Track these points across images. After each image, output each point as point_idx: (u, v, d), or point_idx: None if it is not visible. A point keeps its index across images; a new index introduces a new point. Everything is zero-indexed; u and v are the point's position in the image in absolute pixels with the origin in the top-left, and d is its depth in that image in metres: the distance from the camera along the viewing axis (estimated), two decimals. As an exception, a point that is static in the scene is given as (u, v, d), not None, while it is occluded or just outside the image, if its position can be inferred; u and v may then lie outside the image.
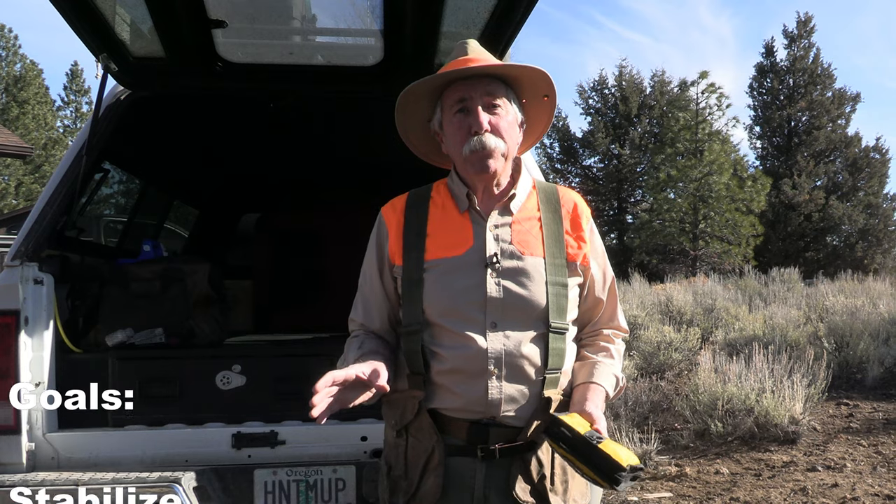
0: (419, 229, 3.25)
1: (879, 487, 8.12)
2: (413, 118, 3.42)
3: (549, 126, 3.53)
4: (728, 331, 17.02)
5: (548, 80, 3.28)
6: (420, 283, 3.15)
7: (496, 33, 4.96)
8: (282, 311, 8.63)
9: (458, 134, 3.19)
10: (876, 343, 14.24)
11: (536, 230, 3.23)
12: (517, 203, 3.29)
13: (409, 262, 3.20)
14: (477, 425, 3.06)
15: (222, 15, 4.91)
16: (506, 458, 3.05)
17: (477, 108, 3.15)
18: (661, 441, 9.83)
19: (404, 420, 3.16)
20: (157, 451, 4.83)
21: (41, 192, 5.35)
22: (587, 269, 3.28)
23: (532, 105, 3.40)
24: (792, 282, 29.28)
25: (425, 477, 3.09)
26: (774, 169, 61.31)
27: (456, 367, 3.04)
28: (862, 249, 60.67)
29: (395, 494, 3.18)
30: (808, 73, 63.48)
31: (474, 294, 3.09)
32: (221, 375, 5.16)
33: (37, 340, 4.79)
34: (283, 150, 7.84)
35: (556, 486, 3.09)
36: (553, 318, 3.10)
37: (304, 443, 4.93)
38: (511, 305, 3.09)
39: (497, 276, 3.11)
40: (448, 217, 3.28)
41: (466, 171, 3.25)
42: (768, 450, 9.55)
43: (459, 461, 3.07)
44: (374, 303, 3.36)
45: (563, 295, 3.15)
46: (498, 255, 3.14)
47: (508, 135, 3.21)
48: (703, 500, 8.12)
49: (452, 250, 3.18)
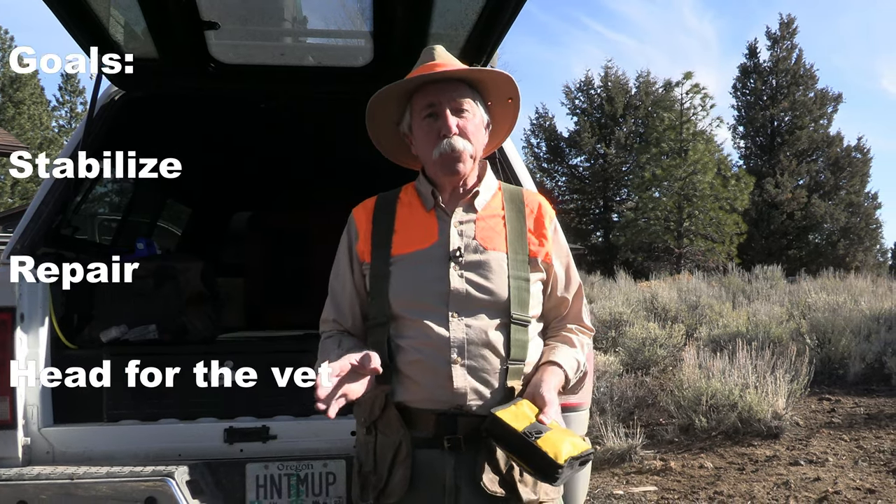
0: (387, 227, 3.34)
1: (861, 481, 8.15)
2: (382, 122, 3.52)
3: (513, 127, 3.63)
4: (712, 327, 17.04)
5: (512, 84, 3.40)
6: (386, 277, 3.23)
7: (484, 35, 4.98)
8: (273, 308, 8.63)
9: (427, 137, 3.28)
10: (857, 339, 14.29)
11: (500, 227, 3.31)
12: (481, 201, 3.38)
13: (377, 258, 3.29)
14: (444, 416, 3.09)
15: (215, 17, 4.91)
16: (472, 448, 3.07)
17: (445, 112, 3.24)
18: (646, 436, 9.87)
19: (372, 416, 3.19)
20: (151, 446, 4.83)
21: (37, 190, 5.35)
22: (550, 266, 3.35)
23: (497, 107, 3.49)
24: (775, 279, 29.36)
25: (394, 470, 3.11)
26: (758, 168, 61.56)
27: (420, 357, 3.08)
28: (844, 247, 60.99)
29: (366, 490, 3.20)
30: (791, 74, 63.78)
31: (437, 286, 3.16)
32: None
33: (32, 336, 4.79)
34: (275, 150, 7.84)
35: (525, 478, 3.09)
36: (514, 310, 3.16)
37: (295, 437, 4.94)
38: (473, 296, 3.15)
39: (460, 269, 3.18)
40: (414, 215, 3.37)
41: (436, 173, 3.34)
42: (751, 444, 9.58)
43: (428, 453, 3.10)
44: (346, 301, 3.45)
45: (524, 289, 3.21)
46: (461, 249, 3.22)
47: (475, 137, 3.30)
48: (688, 493, 8.15)
49: (417, 245, 3.27)
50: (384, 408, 3.14)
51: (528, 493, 3.08)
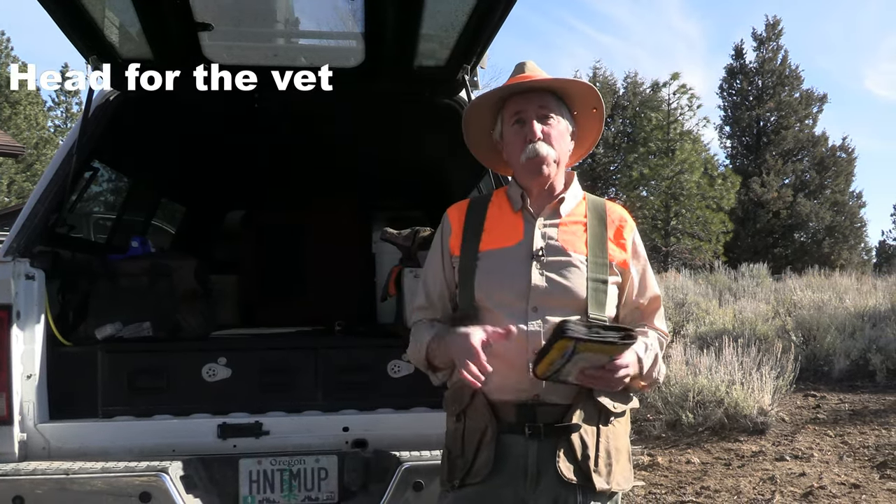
0: (477, 225, 3.49)
1: (846, 476, 8.17)
2: (478, 130, 3.69)
3: (599, 136, 3.78)
4: (699, 324, 17.10)
5: (595, 94, 3.57)
6: (473, 271, 3.36)
7: (474, 37, 5.02)
8: (266, 305, 8.65)
9: (515, 143, 3.43)
10: (842, 336, 14.32)
11: (581, 232, 3.43)
12: (566, 207, 3.51)
13: (466, 253, 3.43)
14: (523, 407, 3.20)
15: (208, 18, 4.93)
16: (551, 436, 3.17)
17: (531, 120, 3.39)
18: (634, 431, 9.84)
19: (462, 405, 3.32)
20: (146, 442, 4.86)
21: (33, 189, 5.35)
22: (626, 272, 3.43)
23: (582, 116, 3.62)
24: (761, 277, 29.39)
25: (479, 453, 3.22)
26: (744, 167, 61.48)
27: (500, 349, 3.12)
28: (829, 246, 60.98)
29: (453, 473, 3.31)
30: (777, 75, 63.74)
31: (519, 281, 3.28)
32: (207, 368, 5.18)
33: (28, 334, 4.81)
34: (268, 149, 7.84)
35: (599, 468, 3.17)
36: (592, 310, 3.25)
37: (287, 433, 4.97)
38: (552, 294, 3.25)
39: (541, 268, 3.29)
40: (503, 215, 3.52)
41: (523, 177, 3.48)
42: (738, 440, 9.60)
43: (511, 439, 3.20)
44: (436, 291, 3.57)
45: (601, 290, 3.31)
46: (543, 249, 3.34)
47: (559, 143, 3.44)
48: (675, 488, 8.16)
49: (504, 242, 3.40)
50: (472, 396, 3.27)
51: (602, 483, 3.17)
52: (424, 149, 7.33)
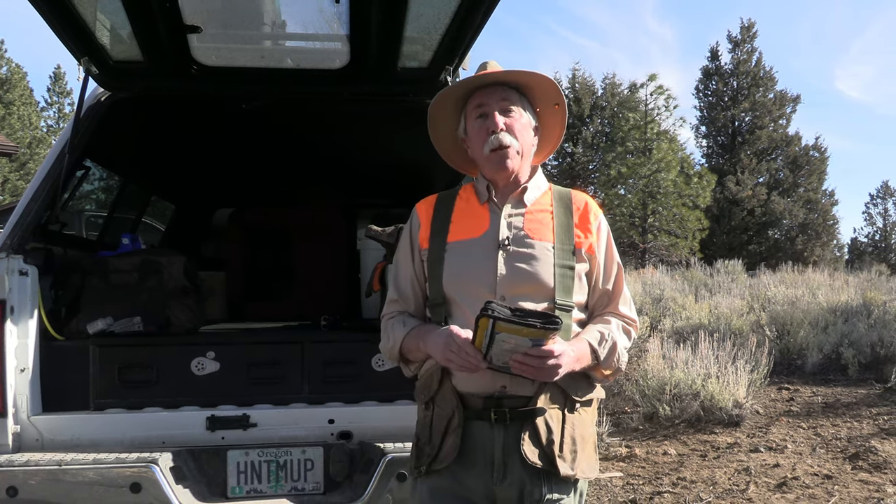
0: (445, 218, 3.53)
1: (818, 467, 8.21)
2: (443, 130, 3.71)
3: (563, 133, 3.79)
4: (675, 319, 17.10)
5: (556, 89, 3.58)
6: (441, 262, 3.39)
7: (456, 39, 5.04)
8: (254, 301, 8.64)
9: (479, 135, 3.46)
10: (815, 331, 14.34)
11: (548, 220, 3.45)
12: (531, 197, 3.54)
13: (434, 245, 3.46)
14: (490, 398, 3.20)
15: (197, 21, 4.94)
16: (517, 421, 3.17)
17: (493, 112, 3.42)
18: (612, 424, 9.92)
19: (431, 392, 3.33)
20: (136, 434, 4.88)
21: (26, 188, 5.35)
22: (593, 258, 3.45)
23: (545, 114, 3.66)
24: (736, 273, 29.41)
25: (445, 438, 3.24)
26: (719, 166, 61.68)
27: None
28: (802, 242, 61.25)
29: (420, 459, 3.33)
30: (751, 76, 63.97)
31: (486, 271, 3.30)
32: (196, 362, 5.20)
33: (21, 328, 4.83)
34: (255, 149, 7.85)
35: (564, 454, 3.18)
36: (559, 296, 3.27)
37: (274, 425, 4.99)
38: (519, 282, 3.26)
39: (508, 257, 3.31)
40: (470, 208, 3.55)
41: (488, 169, 3.50)
42: (713, 432, 9.63)
43: (478, 426, 3.21)
44: (407, 284, 3.59)
45: (569, 276, 3.32)
46: (509, 238, 3.36)
47: (522, 135, 3.47)
48: (652, 479, 8.19)
49: (470, 233, 3.44)
50: (440, 383, 3.29)
51: (566, 468, 3.17)
52: (407, 148, 7.34)
